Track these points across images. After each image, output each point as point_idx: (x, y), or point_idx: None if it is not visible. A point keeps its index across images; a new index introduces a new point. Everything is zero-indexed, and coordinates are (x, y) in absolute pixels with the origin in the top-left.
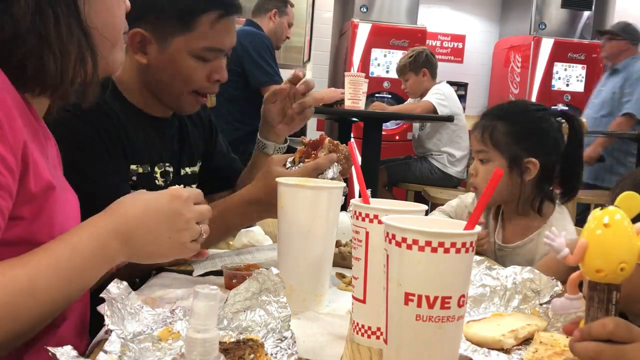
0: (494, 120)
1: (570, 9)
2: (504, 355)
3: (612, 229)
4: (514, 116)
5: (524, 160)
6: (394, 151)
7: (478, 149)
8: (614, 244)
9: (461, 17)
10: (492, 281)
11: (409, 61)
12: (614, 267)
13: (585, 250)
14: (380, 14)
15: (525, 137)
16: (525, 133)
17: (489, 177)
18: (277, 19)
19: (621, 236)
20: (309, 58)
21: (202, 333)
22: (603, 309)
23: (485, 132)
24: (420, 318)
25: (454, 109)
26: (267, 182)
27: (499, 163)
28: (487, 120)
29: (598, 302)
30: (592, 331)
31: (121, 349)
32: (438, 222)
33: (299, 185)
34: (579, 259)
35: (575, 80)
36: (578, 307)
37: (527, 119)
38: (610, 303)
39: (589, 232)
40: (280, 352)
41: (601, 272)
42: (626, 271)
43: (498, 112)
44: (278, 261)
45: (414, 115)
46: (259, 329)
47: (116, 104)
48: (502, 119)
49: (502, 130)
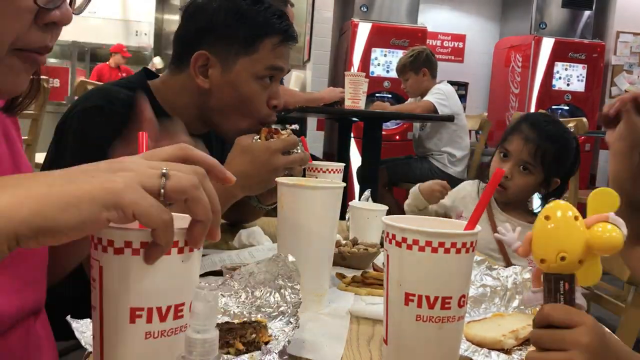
0: (546, 142)
1: (570, 9)
2: (505, 356)
3: (552, 220)
4: (562, 143)
5: (553, 179)
6: (394, 151)
7: (526, 159)
8: (552, 234)
9: (461, 17)
10: (493, 281)
11: (409, 61)
12: (553, 257)
13: (530, 242)
14: (380, 13)
15: (563, 162)
16: (564, 159)
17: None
18: None
19: (560, 227)
20: (309, 58)
21: (202, 333)
22: (552, 299)
23: (538, 151)
24: (421, 318)
25: (455, 108)
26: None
27: (538, 178)
28: (541, 138)
29: (548, 292)
30: (536, 319)
31: None
32: (438, 222)
33: (299, 185)
34: (525, 250)
35: (575, 79)
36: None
37: (568, 146)
38: (558, 292)
39: (535, 224)
40: (283, 334)
41: (544, 262)
42: (568, 261)
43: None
44: None
45: (414, 115)
46: (270, 310)
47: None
48: (555, 143)
49: (552, 154)
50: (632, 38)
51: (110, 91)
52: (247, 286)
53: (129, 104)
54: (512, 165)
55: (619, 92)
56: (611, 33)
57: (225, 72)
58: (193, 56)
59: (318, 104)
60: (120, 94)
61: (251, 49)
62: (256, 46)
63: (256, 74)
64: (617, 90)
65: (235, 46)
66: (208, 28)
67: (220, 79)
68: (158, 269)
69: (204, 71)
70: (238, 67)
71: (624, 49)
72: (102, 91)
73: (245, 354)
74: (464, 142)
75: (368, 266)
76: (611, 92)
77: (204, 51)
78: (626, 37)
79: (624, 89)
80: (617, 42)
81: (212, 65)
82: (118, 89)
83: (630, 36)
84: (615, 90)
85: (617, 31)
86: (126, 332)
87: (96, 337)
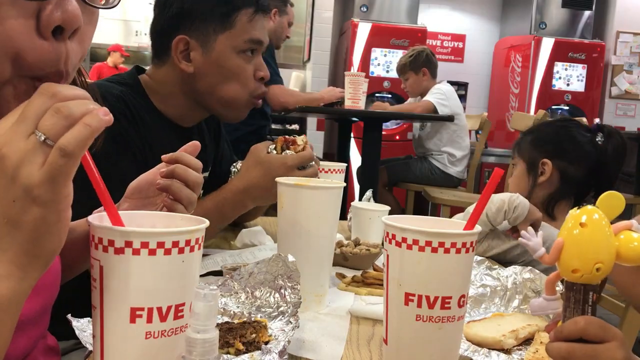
0: (525, 135)
1: (570, 9)
2: (505, 356)
3: (589, 229)
4: (538, 127)
5: (539, 161)
6: (394, 151)
7: (513, 162)
8: (590, 244)
9: (461, 17)
10: (493, 281)
11: (409, 60)
12: (589, 268)
13: (560, 250)
14: (380, 13)
15: (542, 142)
16: (542, 140)
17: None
18: (277, 18)
19: (598, 236)
20: (309, 58)
21: (202, 333)
22: (579, 310)
23: (515, 146)
24: (421, 318)
25: (455, 108)
26: (262, 168)
27: (522, 167)
28: (521, 135)
29: (574, 303)
30: (565, 331)
31: None
32: (438, 222)
33: (299, 185)
34: (554, 258)
35: (575, 79)
36: (556, 307)
37: (547, 127)
38: (586, 304)
39: (566, 231)
40: (283, 334)
41: (577, 272)
42: (602, 272)
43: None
44: None
45: (414, 115)
46: (270, 310)
47: (143, 110)
48: (530, 132)
49: (527, 140)
50: (632, 38)
51: (102, 87)
52: (247, 286)
53: (123, 100)
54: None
55: (619, 92)
56: (611, 33)
57: (207, 52)
58: (172, 43)
59: (318, 104)
60: (113, 89)
61: (228, 24)
62: (232, 20)
63: (237, 48)
64: (617, 90)
65: (212, 25)
66: (183, 13)
67: (203, 60)
68: (158, 269)
69: (186, 56)
70: (218, 44)
71: (624, 49)
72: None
73: (245, 353)
74: (464, 142)
75: (370, 267)
76: (611, 92)
77: (183, 35)
78: (626, 37)
79: (624, 89)
80: (617, 42)
81: (193, 48)
82: (112, 85)
83: (630, 36)
84: (615, 90)
85: (617, 31)
86: (127, 332)
87: (96, 336)
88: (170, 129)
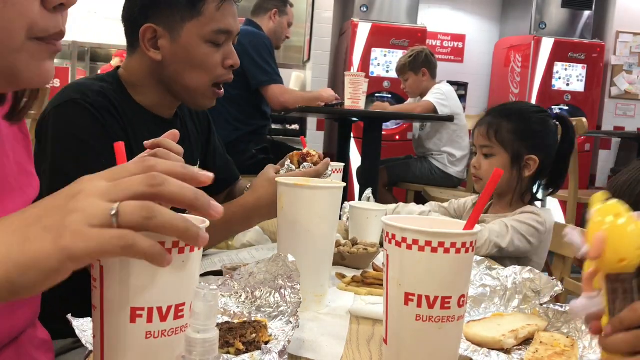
0: (499, 118)
1: (570, 9)
2: (504, 356)
3: (625, 218)
4: (519, 116)
5: (525, 157)
6: (394, 151)
7: (483, 144)
8: (633, 232)
9: (461, 17)
10: (492, 281)
11: (408, 61)
12: (635, 254)
13: (604, 243)
14: (380, 13)
15: (528, 135)
16: (528, 132)
17: (492, 170)
18: (277, 18)
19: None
20: (309, 58)
21: (202, 333)
22: (629, 299)
23: (490, 129)
24: (421, 318)
25: (454, 108)
26: (272, 185)
27: (503, 158)
28: (493, 117)
29: (623, 293)
30: (624, 320)
31: None
32: (438, 222)
33: (299, 185)
34: (599, 252)
35: (575, 80)
36: (599, 304)
37: (531, 119)
38: (635, 292)
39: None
40: (283, 334)
41: (624, 261)
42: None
43: (503, 111)
44: None
45: (414, 115)
46: (270, 310)
47: (124, 103)
48: (508, 118)
49: (507, 128)
50: (632, 38)
51: (82, 85)
52: (247, 286)
53: (104, 94)
54: (477, 156)
55: (618, 92)
56: (611, 33)
57: (175, 40)
58: (140, 31)
59: (317, 102)
60: (93, 86)
61: (195, 12)
62: (199, 9)
63: (205, 37)
64: (617, 90)
65: (179, 13)
66: (151, 0)
67: (170, 48)
68: (159, 269)
69: (154, 44)
70: (185, 32)
71: (623, 49)
72: (75, 86)
73: (245, 353)
74: (463, 142)
75: (367, 266)
76: (611, 92)
77: (150, 24)
78: (626, 37)
79: (624, 89)
80: (616, 42)
81: (160, 36)
82: (91, 82)
83: (630, 36)
84: (615, 90)
85: (616, 31)
86: (127, 332)
87: (97, 336)
88: (151, 121)
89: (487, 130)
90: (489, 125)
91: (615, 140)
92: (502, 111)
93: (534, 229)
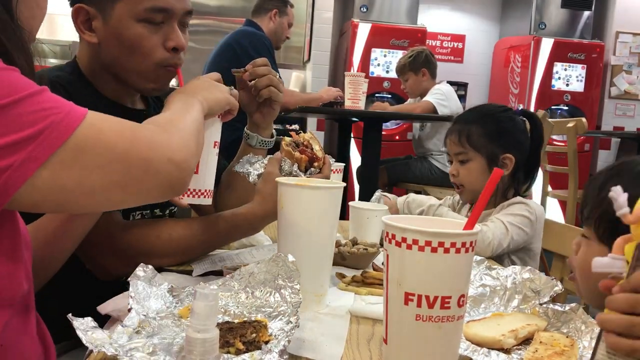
0: (467, 125)
1: (570, 9)
2: (504, 355)
3: None
4: (485, 118)
5: (500, 156)
6: (394, 151)
7: (457, 151)
8: None
9: (461, 17)
10: (492, 281)
11: (408, 61)
12: None
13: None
14: (380, 14)
15: (498, 136)
16: (499, 132)
17: (471, 175)
18: (277, 19)
19: None
20: (309, 58)
21: (202, 333)
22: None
23: (462, 136)
24: (420, 318)
25: (454, 108)
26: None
27: (479, 162)
28: (461, 125)
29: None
30: (632, 282)
31: (140, 324)
32: (438, 222)
33: (299, 185)
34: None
35: (575, 80)
36: (620, 267)
37: (498, 120)
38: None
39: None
40: (283, 334)
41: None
42: None
43: (469, 116)
44: None
45: (414, 115)
46: (270, 310)
47: (80, 93)
48: (475, 123)
49: (477, 133)
50: (632, 38)
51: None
52: (247, 286)
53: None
54: (454, 164)
55: (618, 92)
56: (610, 33)
57: (107, 21)
58: (71, 12)
59: (317, 103)
60: (50, 74)
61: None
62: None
63: (136, 16)
64: (617, 91)
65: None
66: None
67: (104, 29)
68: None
69: (89, 26)
70: (116, 12)
71: (623, 49)
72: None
73: (245, 353)
74: None
75: (368, 266)
76: (610, 92)
77: (81, 4)
78: (625, 37)
79: (623, 89)
80: (616, 42)
81: (93, 17)
82: (47, 71)
83: (630, 36)
84: (615, 90)
85: (616, 31)
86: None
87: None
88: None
89: (459, 138)
90: (459, 132)
91: (615, 140)
92: (469, 117)
93: (527, 219)
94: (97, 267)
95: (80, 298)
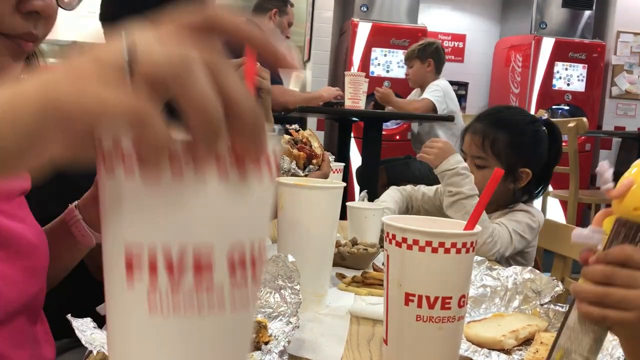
0: (495, 129)
1: (571, 9)
2: (505, 356)
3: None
4: (515, 128)
5: (519, 169)
6: (394, 151)
7: (477, 154)
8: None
9: (461, 17)
10: (493, 281)
11: (418, 48)
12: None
13: (629, 187)
14: (380, 13)
15: (521, 148)
16: (524, 145)
17: (484, 183)
18: (277, 18)
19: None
20: (309, 58)
21: None
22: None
23: (486, 140)
24: (421, 318)
25: (452, 106)
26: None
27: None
28: (487, 126)
29: (624, 238)
30: (609, 255)
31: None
32: (438, 223)
33: (299, 185)
34: (621, 194)
35: (576, 79)
36: (598, 240)
37: (524, 132)
38: (633, 242)
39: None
40: (283, 334)
41: (638, 210)
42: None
43: (499, 121)
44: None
45: (414, 115)
46: (270, 310)
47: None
48: (502, 129)
49: (503, 141)
50: (633, 38)
51: None
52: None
53: None
54: (469, 164)
55: (619, 91)
56: (611, 33)
57: None
58: None
59: (317, 102)
60: None
61: None
62: None
63: None
64: (618, 90)
65: None
66: None
67: None
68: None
69: None
70: None
71: (624, 48)
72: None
73: None
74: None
75: (367, 266)
76: (611, 92)
77: None
78: (626, 37)
79: (624, 89)
80: (617, 42)
81: None
82: None
83: (631, 36)
84: (616, 90)
85: (617, 31)
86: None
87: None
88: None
89: (483, 141)
90: (484, 135)
91: (616, 140)
92: (497, 121)
93: (529, 227)
94: (96, 267)
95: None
